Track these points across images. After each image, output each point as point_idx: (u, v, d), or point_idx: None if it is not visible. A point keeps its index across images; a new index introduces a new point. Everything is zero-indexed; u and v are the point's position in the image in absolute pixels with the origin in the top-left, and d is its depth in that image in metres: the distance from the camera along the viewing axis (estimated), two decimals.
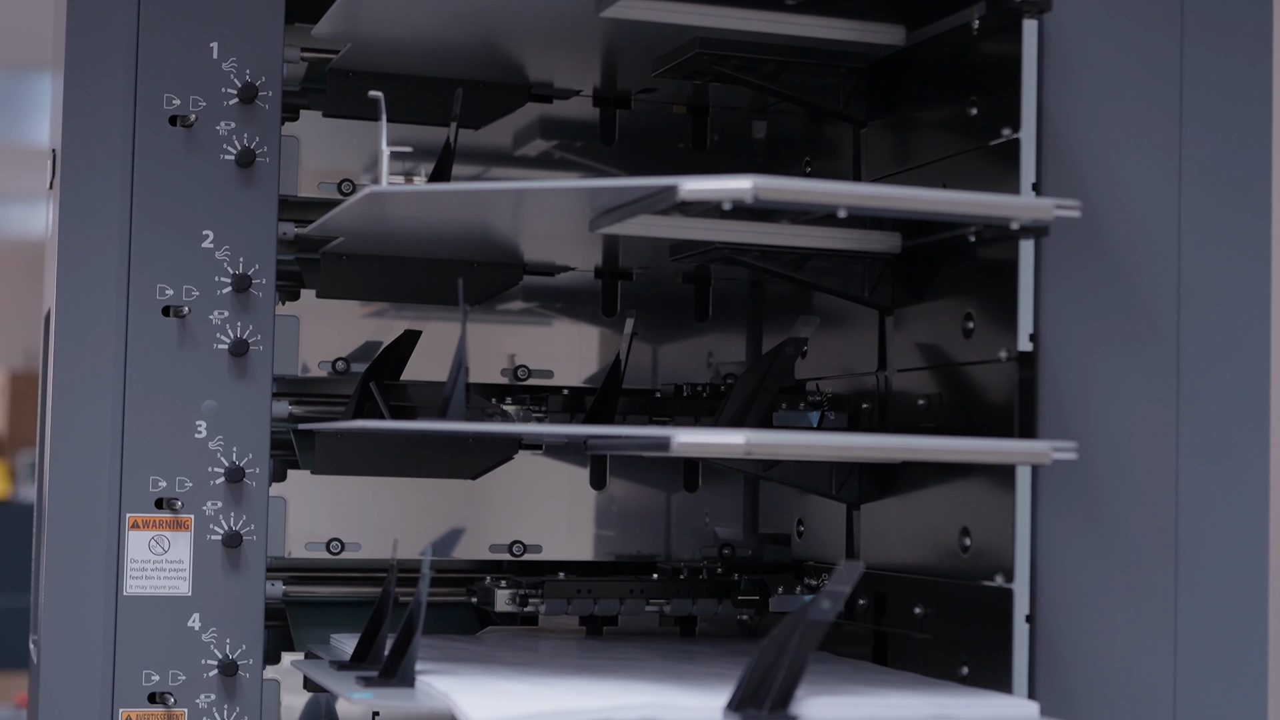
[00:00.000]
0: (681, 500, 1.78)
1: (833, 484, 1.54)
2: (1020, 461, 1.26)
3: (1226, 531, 1.33)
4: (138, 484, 1.50)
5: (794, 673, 1.19)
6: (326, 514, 1.66)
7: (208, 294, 1.52)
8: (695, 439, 1.17)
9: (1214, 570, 1.33)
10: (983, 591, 1.34)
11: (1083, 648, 1.31)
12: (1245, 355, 1.35)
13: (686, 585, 1.63)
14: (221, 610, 1.52)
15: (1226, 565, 1.33)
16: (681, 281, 1.77)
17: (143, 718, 1.50)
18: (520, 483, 1.72)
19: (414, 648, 1.31)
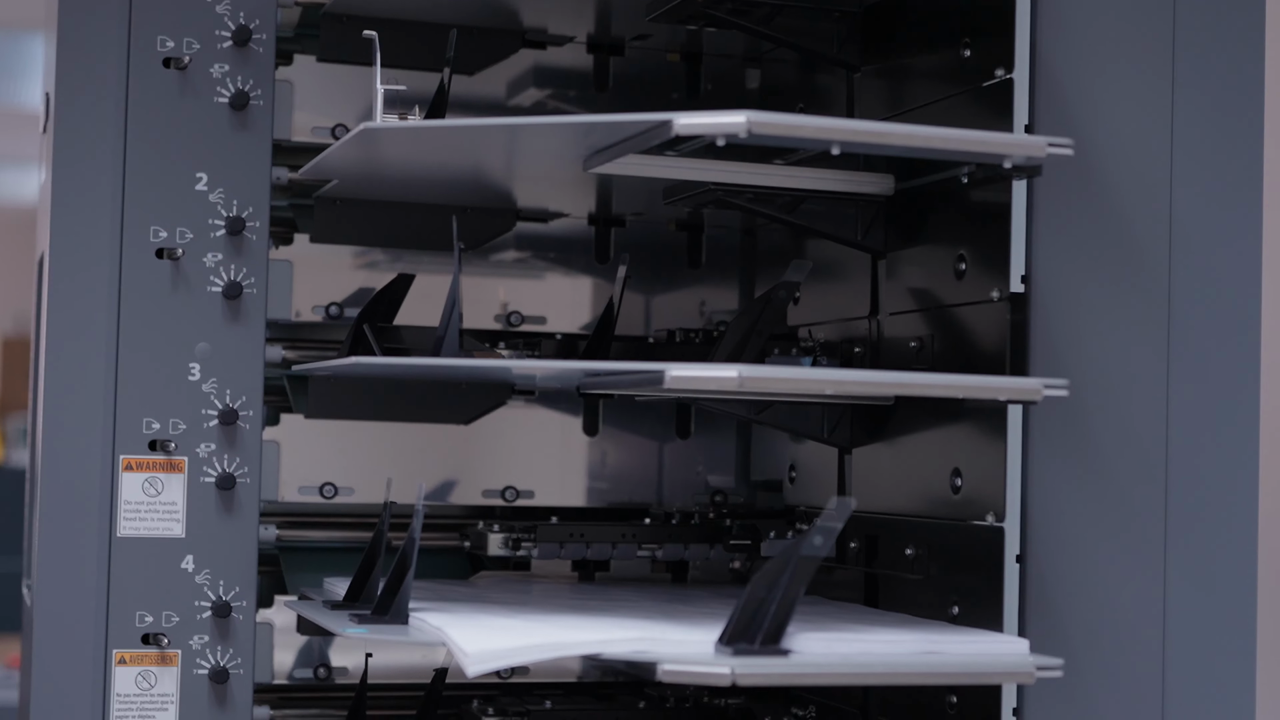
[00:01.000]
0: (674, 448, 1.78)
1: (824, 428, 1.55)
2: (1011, 398, 1.26)
3: (1216, 470, 1.33)
4: (131, 426, 1.51)
5: (785, 608, 1.19)
6: (320, 458, 1.67)
7: (201, 237, 1.52)
8: (689, 373, 1.17)
9: (1203, 509, 1.33)
10: (974, 531, 1.35)
11: (1073, 587, 1.32)
12: (1235, 295, 1.35)
13: (679, 530, 1.63)
14: (215, 552, 1.52)
15: (1216, 504, 1.33)
16: (674, 229, 1.78)
17: (136, 658, 1.51)
18: (513, 429, 1.73)
19: (407, 585, 1.31)
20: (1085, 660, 1.31)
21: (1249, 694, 1.32)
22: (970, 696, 1.34)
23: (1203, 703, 1.32)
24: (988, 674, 1.25)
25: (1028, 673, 1.23)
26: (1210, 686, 1.32)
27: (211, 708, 1.52)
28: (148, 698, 1.51)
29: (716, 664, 1.15)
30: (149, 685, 1.51)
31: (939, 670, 1.23)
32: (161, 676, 1.51)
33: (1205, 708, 1.32)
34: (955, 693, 1.36)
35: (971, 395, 1.28)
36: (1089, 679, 1.31)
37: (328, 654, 1.67)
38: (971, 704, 1.34)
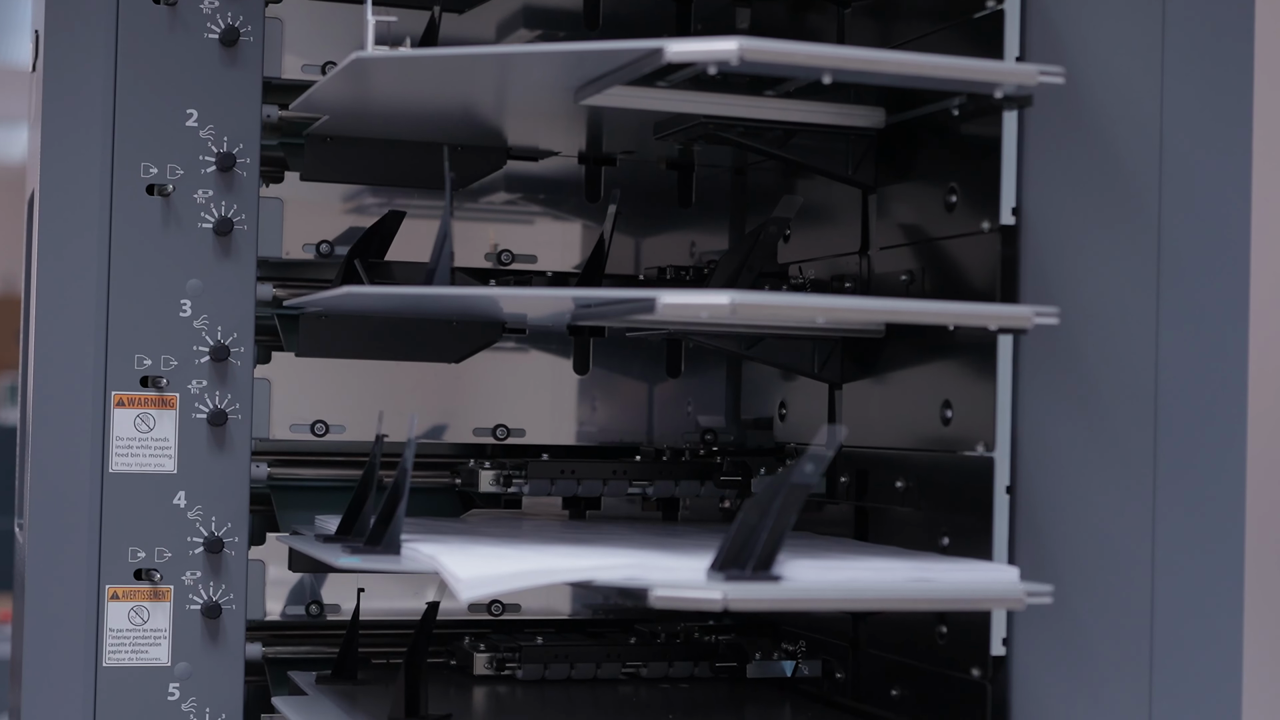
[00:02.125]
0: (664, 387, 1.79)
1: (815, 363, 1.55)
2: (1002, 325, 1.27)
3: (1205, 401, 1.34)
4: (122, 363, 1.51)
5: (776, 535, 1.20)
6: (311, 396, 1.67)
7: (192, 173, 1.52)
8: (681, 300, 1.17)
9: (1192, 439, 1.34)
10: (964, 462, 1.35)
11: (1062, 517, 1.32)
12: (1225, 226, 1.35)
13: (669, 467, 1.64)
14: (207, 488, 1.53)
15: (1205, 435, 1.34)
16: (665, 168, 1.78)
17: (129, 594, 1.51)
18: (504, 367, 1.73)
19: (399, 516, 1.32)
20: (1074, 590, 1.32)
21: (1236, 621, 1.33)
22: (960, 627, 1.35)
23: (1190, 630, 1.32)
24: (978, 599, 1.25)
25: (1017, 598, 1.23)
26: (1198, 614, 1.33)
27: (204, 643, 1.53)
28: (140, 633, 1.51)
29: (708, 589, 1.16)
30: (142, 620, 1.51)
31: (929, 596, 1.23)
32: (154, 612, 1.52)
33: (1193, 635, 1.32)
34: (945, 623, 1.37)
35: (962, 322, 1.29)
36: (1078, 608, 1.32)
37: (320, 591, 1.68)
38: (961, 635, 1.35)
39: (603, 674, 1.62)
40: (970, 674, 1.33)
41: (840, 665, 1.54)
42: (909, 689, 1.42)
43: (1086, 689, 1.31)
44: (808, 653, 1.60)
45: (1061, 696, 1.31)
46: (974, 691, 1.33)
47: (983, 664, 1.32)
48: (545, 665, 1.60)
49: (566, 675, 1.60)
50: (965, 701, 1.34)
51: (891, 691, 1.44)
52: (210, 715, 1.52)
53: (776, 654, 1.62)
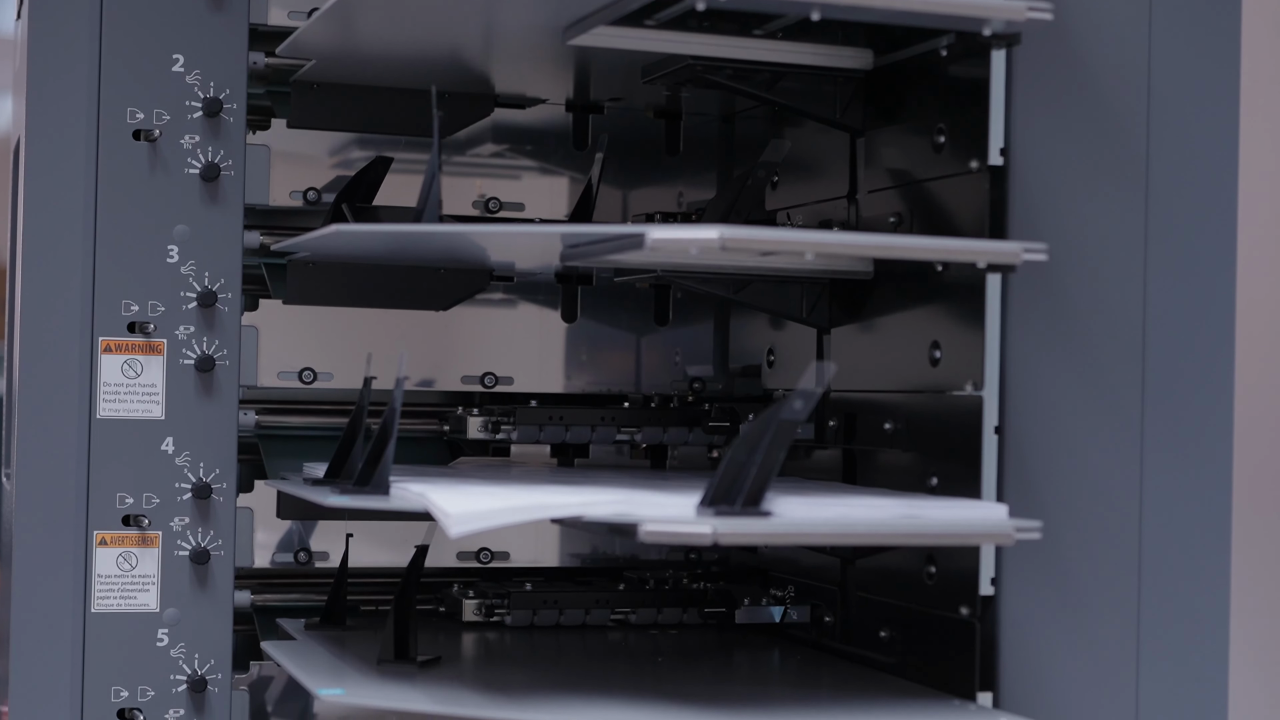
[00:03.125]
0: (652, 336, 1.79)
1: (803, 308, 1.55)
2: (991, 261, 1.27)
3: (1192, 339, 1.34)
4: (109, 308, 1.51)
5: (766, 471, 1.20)
6: (299, 344, 1.67)
7: (178, 119, 1.52)
8: (670, 234, 1.17)
9: (1180, 378, 1.34)
10: (952, 402, 1.36)
11: (1050, 457, 1.33)
12: (1213, 165, 1.35)
13: (658, 413, 1.64)
14: (195, 434, 1.52)
15: (1192, 372, 1.34)
16: (652, 117, 1.78)
17: (117, 540, 1.51)
18: (492, 316, 1.73)
19: (387, 456, 1.32)
20: (1062, 529, 1.32)
21: (1224, 556, 1.33)
22: (948, 567, 1.35)
23: (1178, 567, 1.33)
24: (967, 535, 1.26)
25: (1006, 534, 1.23)
26: (1186, 551, 1.33)
27: (193, 589, 1.52)
28: (129, 579, 1.51)
29: (698, 524, 1.16)
30: (130, 566, 1.51)
31: (919, 531, 1.24)
32: (142, 558, 1.52)
33: (1181, 572, 1.33)
34: (933, 563, 1.37)
35: (951, 258, 1.29)
36: (1066, 547, 1.32)
37: (308, 539, 1.68)
38: (950, 575, 1.35)
39: (591, 620, 1.62)
40: (959, 613, 1.33)
41: (829, 609, 1.54)
42: (898, 630, 1.43)
43: (1075, 627, 1.32)
44: (796, 598, 1.60)
45: (1050, 635, 1.31)
46: (963, 630, 1.33)
47: (971, 603, 1.33)
48: (534, 611, 1.60)
49: (555, 621, 1.61)
50: (954, 640, 1.34)
51: (880, 633, 1.45)
52: (199, 661, 1.52)
53: (765, 600, 1.62)
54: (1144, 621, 1.33)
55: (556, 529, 1.77)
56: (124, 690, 1.51)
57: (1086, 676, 1.31)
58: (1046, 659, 1.32)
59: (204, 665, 1.52)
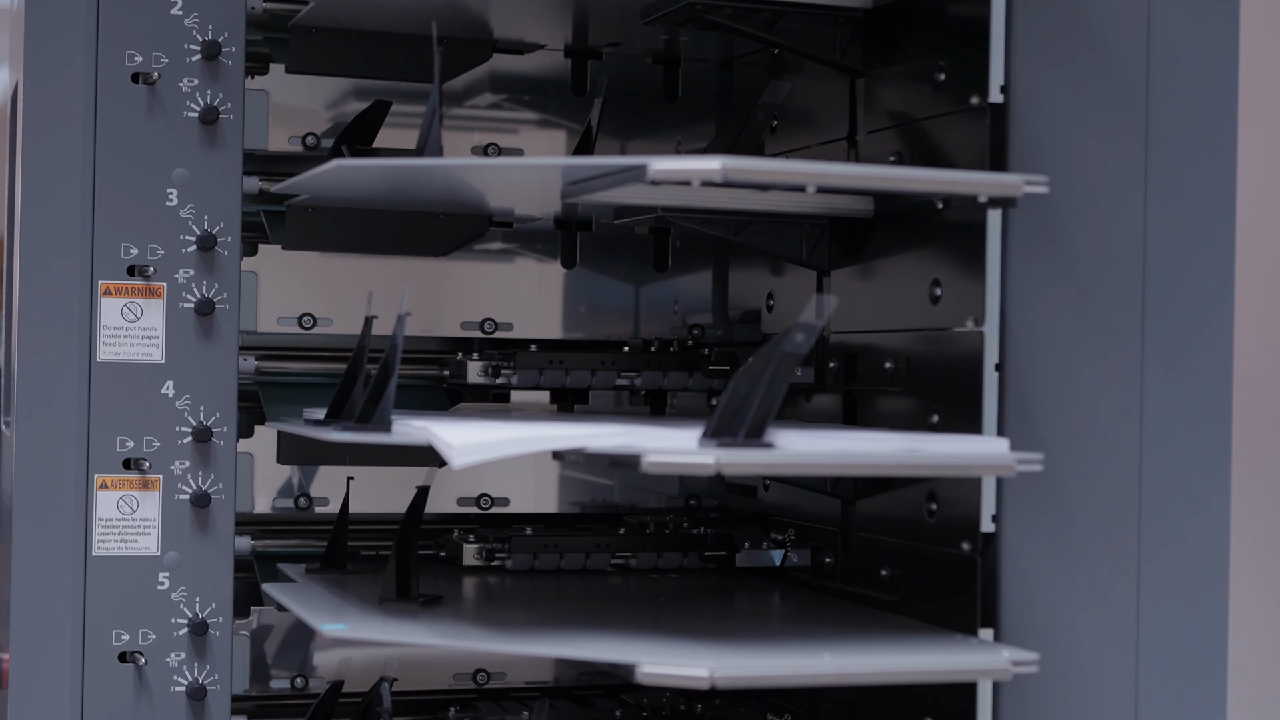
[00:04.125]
0: (651, 283, 1.79)
1: (803, 249, 1.55)
2: (992, 194, 1.26)
3: (1192, 274, 1.34)
4: (109, 252, 1.50)
5: (768, 404, 1.20)
6: (298, 290, 1.67)
7: (177, 61, 1.51)
8: (671, 165, 1.17)
9: (1181, 314, 1.33)
10: (953, 339, 1.36)
11: (1051, 394, 1.33)
12: (1212, 101, 1.35)
13: (657, 358, 1.64)
14: (195, 378, 1.52)
15: (1192, 308, 1.34)
16: (651, 63, 1.77)
17: (118, 483, 1.51)
18: (491, 262, 1.73)
19: (389, 393, 1.31)
20: (1063, 466, 1.32)
21: (1224, 492, 1.33)
22: (949, 504, 1.35)
23: (1179, 503, 1.33)
24: (969, 466, 1.26)
25: (1008, 465, 1.23)
26: (1186, 488, 1.33)
27: (193, 533, 1.52)
28: (129, 522, 1.51)
29: (700, 454, 1.16)
30: (131, 510, 1.51)
31: (921, 463, 1.24)
32: (143, 501, 1.52)
33: (1181, 508, 1.32)
34: (934, 500, 1.37)
35: (952, 190, 1.28)
36: (1067, 484, 1.32)
37: (309, 485, 1.67)
38: (951, 511, 1.35)
39: (592, 565, 1.62)
40: (961, 549, 1.34)
41: (829, 551, 1.54)
42: (899, 568, 1.43)
43: (1076, 563, 1.32)
44: (796, 541, 1.60)
45: (1051, 571, 1.32)
46: (965, 566, 1.34)
47: (973, 539, 1.33)
48: (534, 556, 1.60)
49: (556, 566, 1.61)
50: (956, 577, 1.35)
51: (881, 572, 1.45)
52: (200, 605, 1.52)
53: (765, 543, 1.62)
54: (1144, 557, 1.33)
55: (557, 475, 1.78)
56: (125, 634, 1.51)
57: (1087, 612, 1.32)
58: (1047, 595, 1.32)
59: (205, 609, 1.52)
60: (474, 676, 1.72)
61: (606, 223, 1.72)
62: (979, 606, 1.33)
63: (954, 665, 1.25)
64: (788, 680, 1.20)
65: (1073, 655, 1.30)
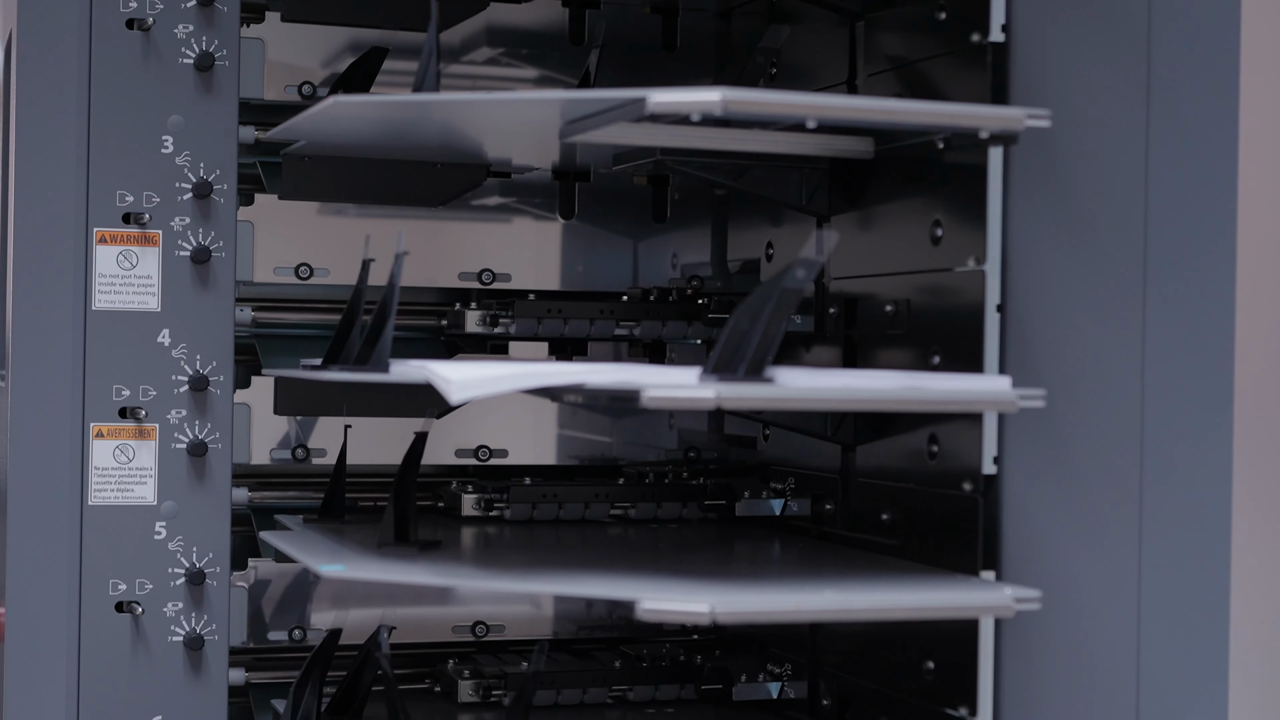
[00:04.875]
0: (650, 234, 1.78)
1: (803, 194, 1.54)
2: (993, 128, 1.25)
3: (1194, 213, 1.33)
4: (104, 199, 1.49)
5: (768, 340, 1.19)
6: (294, 240, 1.66)
7: (172, 6, 1.50)
8: (671, 98, 1.16)
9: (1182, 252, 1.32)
10: (954, 279, 1.35)
11: (1052, 335, 1.32)
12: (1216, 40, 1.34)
13: (657, 307, 1.63)
14: (191, 326, 1.51)
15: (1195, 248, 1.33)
16: (649, 12, 1.76)
17: (114, 432, 1.50)
18: (488, 214, 1.72)
19: (387, 333, 1.31)
20: (1064, 406, 1.31)
21: (1226, 431, 1.32)
22: (951, 447, 1.35)
23: (1180, 444, 1.32)
24: (971, 402, 1.25)
25: (1010, 401, 1.23)
26: (1188, 423, 1.32)
27: (190, 482, 1.52)
28: (126, 471, 1.50)
29: (701, 388, 1.15)
30: (127, 459, 1.50)
31: (923, 398, 1.23)
32: (139, 450, 1.51)
33: (1183, 448, 1.31)
34: (936, 442, 1.37)
35: (954, 123, 1.27)
36: (1068, 425, 1.31)
37: (306, 437, 1.67)
38: (952, 453, 1.34)
39: (591, 515, 1.61)
40: (962, 489, 1.33)
41: (829, 498, 1.54)
42: (900, 513, 1.42)
43: (1077, 505, 1.31)
44: (796, 490, 1.60)
45: (1053, 513, 1.31)
46: (966, 507, 1.33)
47: (974, 480, 1.32)
48: (533, 505, 1.59)
49: (555, 516, 1.60)
50: (957, 518, 1.34)
51: (882, 517, 1.44)
52: (198, 555, 1.51)
53: (765, 493, 1.61)
54: (1146, 498, 1.32)
55: (555, 428, 1.77)
56: (122, 583, 1.50)
57: (1089, 553, 1.31)
58: (1049, 537, 1.31)
59: (202, 558, 1.52)
60: (473, 629, 1.72)
61: (605, 172, 1.71)
62: (980, 548, 1.32)
63: (957, 602, 1.24)
64: (790, 615, 1.19)
65: (1074, 596, 1.29)
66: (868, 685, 1.46)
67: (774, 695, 1.60)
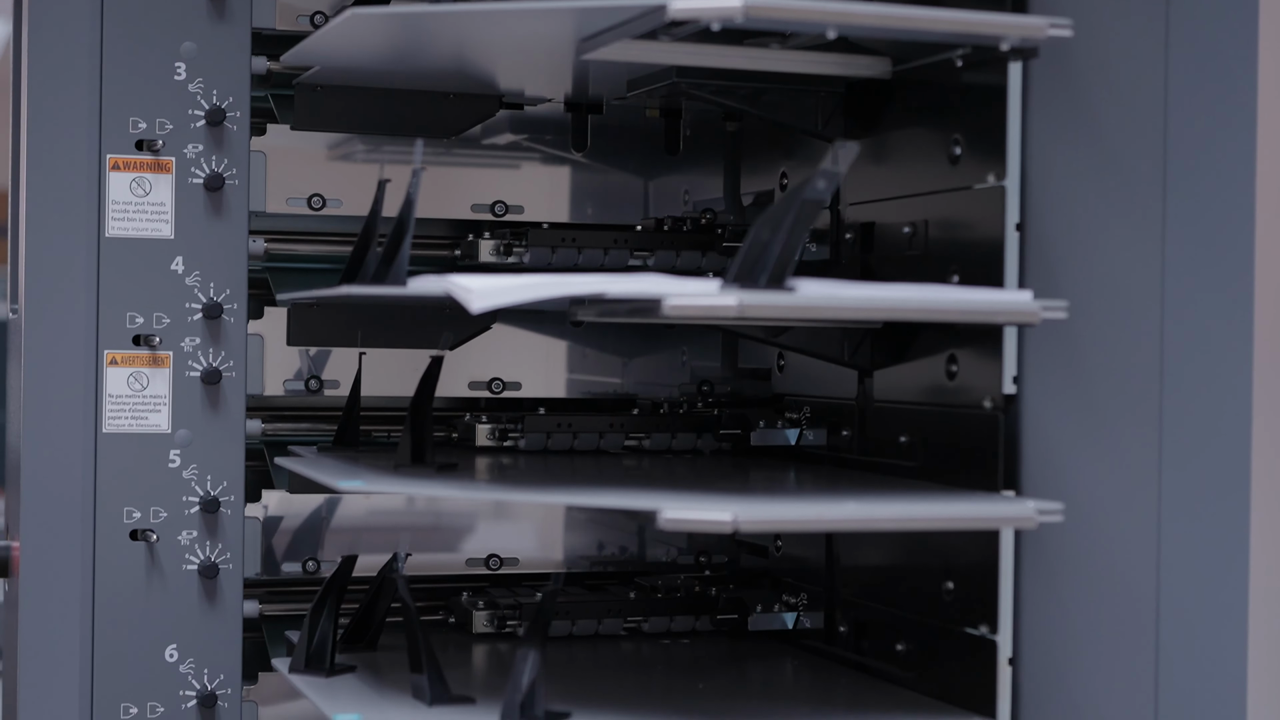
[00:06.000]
0: (662, 168, 1.77)
1: (818, 119, 1.54)
2: (1017, 36, 1.25)
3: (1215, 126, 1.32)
4: (117, 126, 1.49)
5: (789, 250, 1.18)
6: (306, 170, 1.65)
7: None
8: (693, 4, 1.15)
9: (1202, 162, 1.32)
10: (973, 196, 1.34)
11: (1072, 252, 1.31)
12: None
13: (671, 237, 1.63)
14: (204, 254, 1.51)
15: (1214, 160, 1.32)
16: None
17: (128, 359, 1.50)
18: (500, 146, 1.71)
19: (404, 249, 1.30)
20: (1085, 325, 1.31)
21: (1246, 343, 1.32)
22: (970, 367, 1.34)
23: (1201, 361, 1.31)
24: (992, 313, 1.25)
25: (1032, 312, 1.22)
26: (1208, 340, 1.31)
27: (204, 411, 1.51)
28: (140, 399, 1.50)
29: (723, 296, 1.15)
30: (141, 387, 1.50)
31: (944, 308, 1.22)
32: (153, 378, 1.50)
33: (1203, 362, 1.31)
34: (955, 363, 1.36)
35: (974, 30, 1.26)
36: (1088, 343, 1.31)
37: (320, 368, 1.66)
38: (972, 373, 1.34)
39: (606, 445, 1.61)
40: (983, 407, 1.32)
41: (846, 424, 1.53)
42: (918, 433, 1.42)
43: (1097, 423, 1.30)
44: (811, 420, 1.59)
45: (1073, 431, 1.30)
46: (986, 425, 1.32)
47: (994, 399, 1.32)
48: (548, 435, 1.59)
49: (569, 446, 1.59)
50: (977, 436, 1.33)
51: (900, 439, 1.44)
52: (212, 483, 1.51)
53: (780, 422, 1.61)
54: (1165, 415, 1.31)
55: (566, 360, 1.76)
56: (136, 511, 1.50)
57: (1109, 471, 1.30)
58: (1069, 456, 1.31)
59: (216, 487, 1.51)
60: (486, 562, 1.72)
61: (618, 103, 1.71)
62: (1001, 466, 1.32)
63: (980, 513, 1.24)
64: (813, 525, 1.19)
65: (1095, 514, 1.29)
66: (885, 610, 1.45)
67: (789, 626, 1.60)
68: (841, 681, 1.47)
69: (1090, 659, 1.27)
